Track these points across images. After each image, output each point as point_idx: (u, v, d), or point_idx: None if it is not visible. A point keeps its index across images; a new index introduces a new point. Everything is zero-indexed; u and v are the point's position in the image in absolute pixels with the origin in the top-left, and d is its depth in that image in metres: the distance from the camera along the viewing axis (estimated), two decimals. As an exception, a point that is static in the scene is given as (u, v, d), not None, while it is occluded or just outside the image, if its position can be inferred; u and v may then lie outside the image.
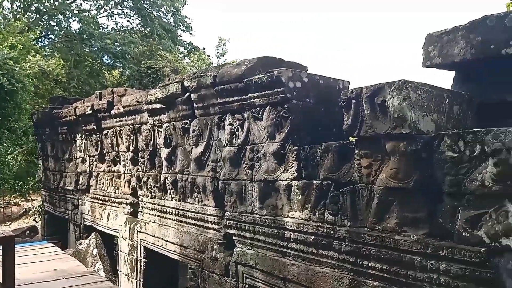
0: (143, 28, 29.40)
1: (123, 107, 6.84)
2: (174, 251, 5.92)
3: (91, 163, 8.61)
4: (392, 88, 3.00)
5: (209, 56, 31.56)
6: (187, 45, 33.83)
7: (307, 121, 4.25)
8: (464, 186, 2.70)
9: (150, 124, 6.44)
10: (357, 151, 3.40)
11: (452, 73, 3.95)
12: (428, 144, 2.94)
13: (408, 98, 2.93)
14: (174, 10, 29.64)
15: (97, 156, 8.28)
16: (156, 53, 26.85)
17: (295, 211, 4.02)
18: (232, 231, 4.80)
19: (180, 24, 33.02)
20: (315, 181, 3.80)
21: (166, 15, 30.57)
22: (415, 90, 2.99)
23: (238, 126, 4.71)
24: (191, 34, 34.33)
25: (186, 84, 5.33)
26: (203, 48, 33.44)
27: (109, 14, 28.47)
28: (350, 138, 3.61)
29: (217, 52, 33.45)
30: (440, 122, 3.16)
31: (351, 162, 3.52)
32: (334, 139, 4.18)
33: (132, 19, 29.09)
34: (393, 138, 3.05)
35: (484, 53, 3.40)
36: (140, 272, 6.73)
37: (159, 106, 6.04)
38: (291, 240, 4.03)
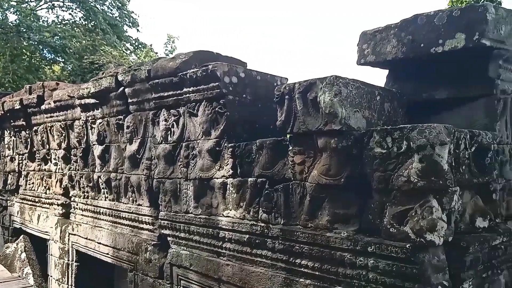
0: (86, 22, 28.21)
1: (54, 102, 6.43)
2: (107, 254, 5.62)
3: (20, 161, 8.05)
4: (323, 83, 2.96)
5: (157, 53, 30.84)
6: (134, 41, 32.85)
7: (244, 117, 4.15)
8: (392, 182, 2.70)
9: (83, 120, 6.08)
10: (291, 147, 3.35)
11: (386, 71, 4.00)
12: (359, 141, 2.92)
13: (339, 94, 2.90)
14: (120, 5, 28.67)
15: (26, 154, 7.75)
16: (100, 48, 25.84)
17: (230, 210, 3.91)
18: (167, 232, 4.61)
19: (126, 19, 31.99)
20: (250, 179, 3.71)
21: (111, 10, 29.54)
22: (346, 86, 2.97)
23: (174, 122, 4.53)
24: (137, 30, 33.40)
25: (120, 78, 5.07)
26: (151, 45, 32.63)
27: (50, 7, 27.04)
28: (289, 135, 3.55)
29: (166, 50, 32.75)
30: (371, 119, 3.17)
31: (286, 159, 3.46)
32: (271, 136, 4.11)
33: (75, 12, 27.83)
34: (324, 134, 3.02)
35: (414, 52, 3.46)
36: (71, 276, 6.35)
37: (92, 101, 5.72)
38: (226, 239, 3.91)
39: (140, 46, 31.58)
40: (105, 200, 5.73)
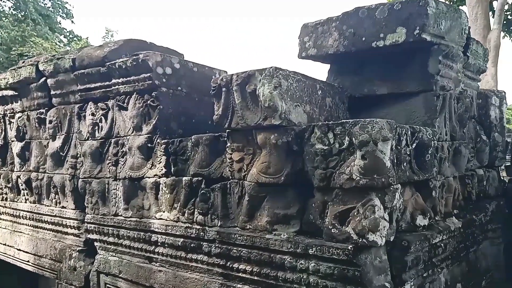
0: (16, 12, 26.35)
1: (-33, 93, 5.71)
2: (28, 261, 5.08)
3: None
4: (263, 75, 2.76)
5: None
6: (68, 33, 31.13)
7: (179, 111, 3.86)
8: (333, 180, 2.56)
9: (1, 114, 5.47)
10: (228, 144, 3.12)
11: (328, 66, 3.88)
12: (299, 137, 2.75)
13: (279, 86, 2.71)
14: (52, -6, 27.04)
15: None
16: (30, 40, 24.23)
17: (163, 212, 3.61)
18: (94, 236, 4.21)
19: (60, 9, 30.24)
20: (184, 178, 3.43)
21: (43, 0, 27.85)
22: (287, 78, 2.79)
23: (102, 117, 4.13)
24: (72, 21, 31.66)
25: (41, 67, 4.57)
26: (87, 38, 31.04)
27: (-24, -5, 24.92)
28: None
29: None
30: (312, 114, 3.01)
31: (223, 157, 3.22)
32: (209, 132, 3.86)
33: (3, 2, 25.90)
34: (264, 129, 2.82)
35: (356, 46, 3.36)
36: (-13, 288, 5.69)
37: (10, 92, 5.14)
38: (159, 243, 3.61)
39: (75, 38, 29.93)
40: (26, 202, 5.18)
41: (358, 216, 2.45)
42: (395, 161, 2.60)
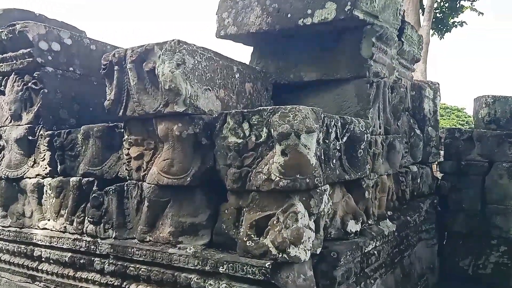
0: None
1: None
2: None
3: None
4: (163, 50, 2.20)
5: None
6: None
7: (71, 97, 3.19)
8: (250, 181, 2.07)
9: None
10: (125, 136, 2.52)
11: (251, 49, 3.39)
12: (210, 127, 2.24)
13: (182, 64, 2.17)
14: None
15: None
16: None
17: (48, 220, 2.93)
18: (-36, 251, 3.39)
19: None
20: (73, 179, 2.78)
21: None
22: (193, 55, 2.25)
23: (-27, 102, 3.32)
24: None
25: None
26: None
27: None
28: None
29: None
30: (228, 101, 2.50)
31: (120, 152, 2.62)
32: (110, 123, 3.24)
33: None
34: (165, 118, 2.26)
35: (280, 23, 2.90)
36: None
37: None
38: (43, 259, 2.92)
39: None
40: None
41: (278, 225, 1.98)
42: (323, 157, 2.17)
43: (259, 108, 2.08)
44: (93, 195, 2.66)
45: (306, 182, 1.95)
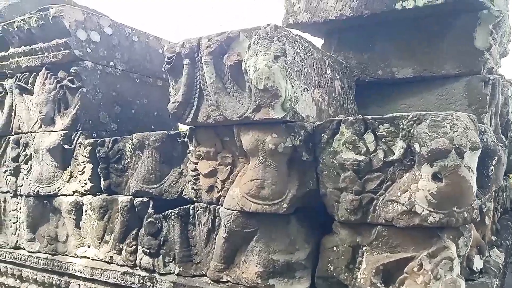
0: None
1: None
2: None
3: None
4: (254, 38, 1.69)
5: None
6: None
7: (112, 97, 2.68)
8: (374, 212, 1.56)
9: None
10: (191, 148, 2.02)
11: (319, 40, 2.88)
12: (312, 139, 1.72)
13: (283, 56, 1.66)
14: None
15: None
16: None
17: (88, 247, 2.43)
18: (-16, 278, 2.90)
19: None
20: (122, 198, 2.28)
21: None
22: (293, 44, 1.74)
23: (-6, 103, 2.83)
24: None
25: None
26: None
27: None
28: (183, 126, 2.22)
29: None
30: (321, 103, 1.99)
31: (183, 167, 2.12)
32: (156, 129, 2.75)
33: None
34: (254, 126, 1.75)
35: (370, 8, 2.39)
36: None
37: None
38: (82, 294, 2.42)
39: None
40: None
41: (421, 274, 1.48)
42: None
43: (392, 115, 1.56)
44: (149, 219, 2.16)
45: (463, 216, 1.45)
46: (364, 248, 1.63)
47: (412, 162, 1.51)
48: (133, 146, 2.26)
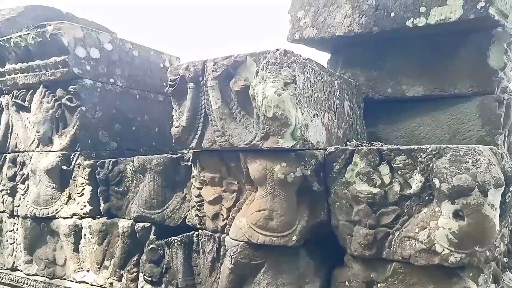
0: None
1: None
2: None
3: None
4: (263, 64, 1.61)
5: None
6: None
7: (112, 115, 2.60)
8: (390, 248, 1.49)
9: None
10: (195, 172, 1.94)
11: (325, 55, 2.80)
12: (323, 168, 1.65)
13: (293, 83, 1.58)
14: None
15: None
16: None
17: (87, 271, 2.35)
18: (-21, 300, 2.81)
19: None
20: (122, 222, 2.20)
21: None
22: (303, 69, 1.66)
23: (-10, 121, 2.74)
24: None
25: None
26: None
27: None
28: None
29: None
30: (331, 127, 1.91)
31: (186, 192, 2.04)
32: (157, 149, 2.67)
33: None
34: (262, 155, 1.67)
35: (380, 25, 2.30)
36: None
37: None
38: (81, 320, 2.34)
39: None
40: None
41: (441, 315, 1.40)
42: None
43: (409, 147, 1.49)
44: (151, 246, 2.08)
45: (485, 256, 1.37)
46: (379, 285, 1.55)
47: (431, 197, 1.43)
48: (134, 169, 2.18)
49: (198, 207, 1.96)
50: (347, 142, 2.07)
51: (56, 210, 2.40)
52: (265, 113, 1.58)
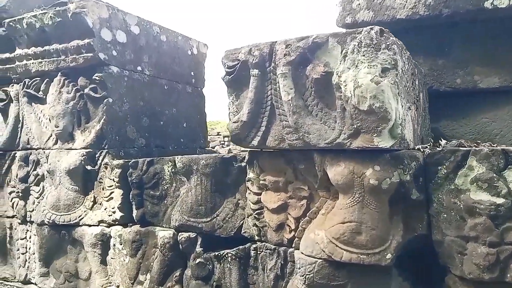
0: None
1: None
2: None
3: None
4: (353, 45, 1.32)
5: None
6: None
7: (140, 108, 2.28)
8: (516, 269, 1.21)
9: None
10: (252, 175, 1.66)
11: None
12: (424, 172, 1.37)
13: (394, 68, 1.29)
14: None
15: None
16: None
17: (117, 287, 2.04)
18: (-13, 317, 2.49)
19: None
20: (163, 233, 1.89)
21: None
22: (401, 53, 1.37)
23: (-3, 113, 2.42)
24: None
25: None
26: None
27: None
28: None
29: None
30: (414, 123, 1.63)
31: (237, 197, 1.75)
32: (185, 146, 2.39)
33: None
34: (347, 156, 1.39)
35: (451, 6, 2.03)
36: None
37: None
38: None
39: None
40: None
41: None
42: None
43: (546, 147, 1.21)
44: (198, 260, 1.78)
45: None
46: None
47: None
48: (173, 170, 1.88)
49: (256, 216, 1.67)
50: (422, 140, 1.80)
51: (80, 216, 2.09)
52: (357, 105, 1.30)
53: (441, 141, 1.81)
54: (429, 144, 1.79)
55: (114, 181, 2.01)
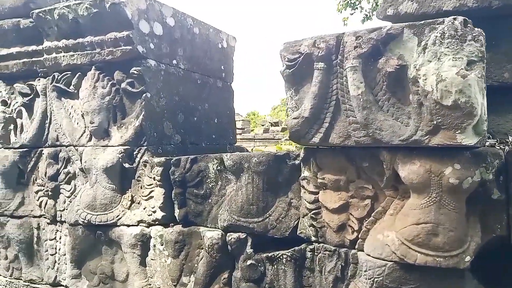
0: None
1: None
2: None
3: None
4: (436, 36, 1.24)
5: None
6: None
7: (175, 103, 2.20)
8: None
9: None
10: (307, 174, 1.59)
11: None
12: (505, 170, 1.31)
13: (481, 61, 1.23)
14: None
15: None
16: None
17: (158, 290, 1.96)
18: (13, 320, 2.40)
19: None
20: (210, 233, 1.82)
21: None
22: (480, 40, 1.30)
23: (21, 108, 2.32)
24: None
25: None
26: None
27: None
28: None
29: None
30: (479, 118, 1.57)
31: (290, 196, 1.68)
32: (217, 142, 2.32)
33: None
34: (424, 154, 1.32)
35: (503, -3, 1.95)
36: None
37: None
38: None
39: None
40: None
41: None
42: None
43: None
44: (249, 261, 1.71)
45: None
46: None
47: None
48: (219, 168, 1.80)
49: (313, 216, 1.60)
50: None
51: (118, 216, 2.00)
52: (440, 100, 1.23)
53: (510, 137, 1.74)
54: (496, 140, 1.73)
55: (154, 180, 1.92)
